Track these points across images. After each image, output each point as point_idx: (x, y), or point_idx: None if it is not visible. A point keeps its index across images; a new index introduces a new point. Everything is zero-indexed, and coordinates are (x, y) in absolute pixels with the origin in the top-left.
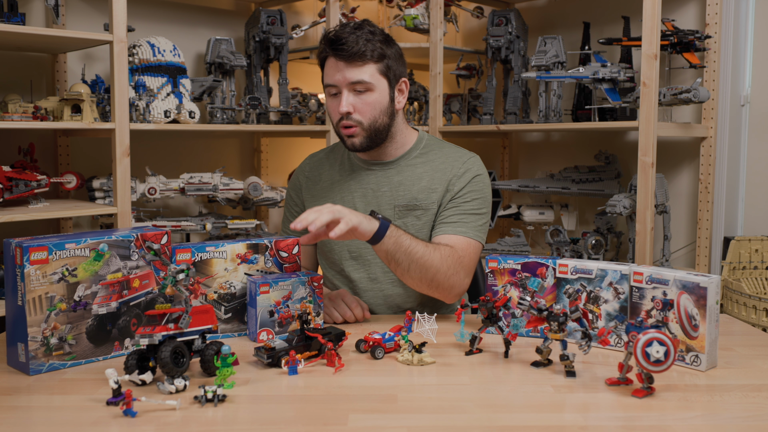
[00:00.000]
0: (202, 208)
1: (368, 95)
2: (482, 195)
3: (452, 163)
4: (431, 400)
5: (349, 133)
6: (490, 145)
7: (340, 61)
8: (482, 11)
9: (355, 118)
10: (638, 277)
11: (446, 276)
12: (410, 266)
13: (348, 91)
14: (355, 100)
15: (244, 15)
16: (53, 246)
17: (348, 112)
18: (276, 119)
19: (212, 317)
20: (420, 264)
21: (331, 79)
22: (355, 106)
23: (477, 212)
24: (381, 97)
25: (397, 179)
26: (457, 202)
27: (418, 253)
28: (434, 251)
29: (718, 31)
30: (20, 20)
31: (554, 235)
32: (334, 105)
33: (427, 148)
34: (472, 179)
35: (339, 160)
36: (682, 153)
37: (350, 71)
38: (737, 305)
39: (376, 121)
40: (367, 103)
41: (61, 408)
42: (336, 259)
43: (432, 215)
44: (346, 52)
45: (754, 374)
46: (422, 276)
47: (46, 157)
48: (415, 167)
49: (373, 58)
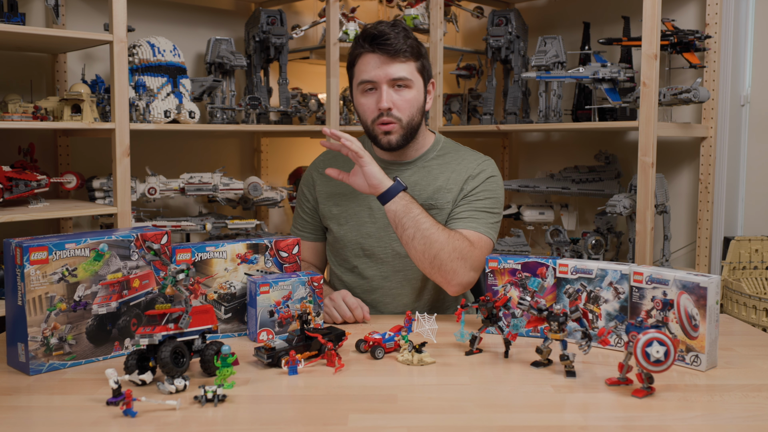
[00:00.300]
0: (202, 208)
1: (407, 92)
2: (495, 195)
3: (467, 164)
4: (431, 400)
5: (387, 129)
6: (490, 145)
7: (383, 56)
8: (482, 11)
9: (395, 114)
10: (638, 277)
11: (450, 258)
12: (415, 235)
13: (388, 87)
14: (394, 97)
15: (244, 15)
16: (53, 246)
17: (389, 107)
18: (276, 119)
19: (212, 317)
20: (425, 236)
21: (369, 74)
22: (394, 103)
23: (489, 210)
24: (418, 94)
25: (413, 179)
26: (470, 199)
27: (425, 224)
28: (443, 230)
29: (718, 31)
30: (20, 20)
31: (554, 235)
32: (369, 102)
33: (444, 150)
34: (486, 179)
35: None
36: (682, 153)
37: (393, 67)
38: (737, 305)
39: (413, 118)
40: (406, 100)
41: (61, 408)
42: (349, 256)
43: (446, 215)
44: (391, 48)
45: (754, 374)
46: (425, 249)
47: (46, 157)
48: (431, 168)
49: (412, 55)
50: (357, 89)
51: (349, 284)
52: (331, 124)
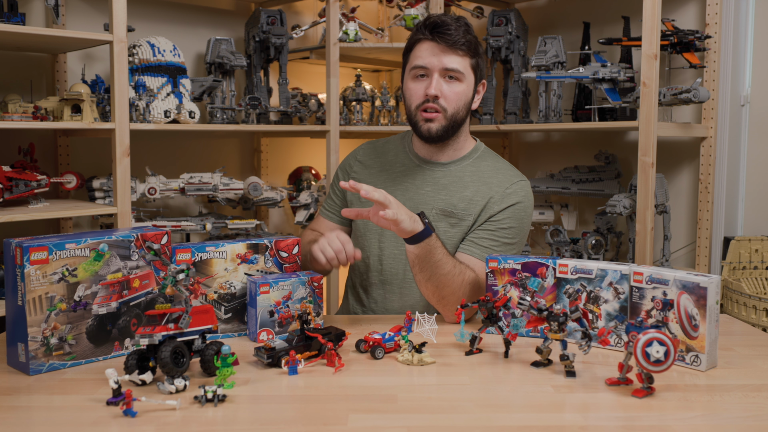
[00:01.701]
0: (202, 208)
1: (457, 85)
2: (519, 224)
3: (500, 180)
4: (431, 400)
5: (430, 117)
6: (490, 145)
7: (441, 44)
8: (482, 11)
9: (441, 103)
10: (638, 277)
11: (456, 298)
12: (431, 278)
13: (439, 76)
14: (444, 87)
15: (244, 15)
16: (53, 246)
17: (436, 95)
18: (276, 119)
19: (212, 317)
20: (441, 281)
21: (423, 60)
22: (443, 92)
23: (509, 241)
24: (468, 89)
25: (443, 182)
26: (493, 225)
27: (443, 269)
28: (458, 276)
29: (718, 31)
30: (20, 20)
31: (554, 235)
32: (418, 87)
33: (481, 158)
34: (512, 205)
35: (393, 151)
36: (682, 153)
37: (448, 57)
38: (737, 305)
39: (459, 112)
40: (455, 92)
41: (61, 408)
42: (366, 245)
43: (466, 227)
44: (450, 38)
45: (754, 374)
46: (436, 291)
47: (46, 157)
48: (464, 175)
49: (470, 51)
50: (409, 74)
51: (364, 275)
52: (331, 124)
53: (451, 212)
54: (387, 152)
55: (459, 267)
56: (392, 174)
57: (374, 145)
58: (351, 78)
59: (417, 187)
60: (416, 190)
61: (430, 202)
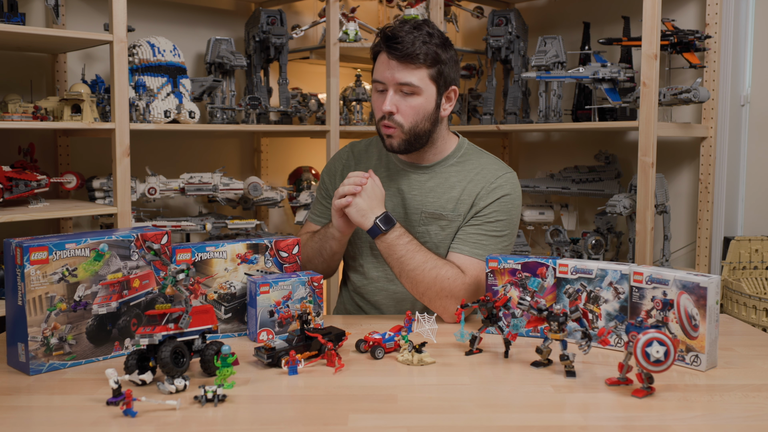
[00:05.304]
0: (202, 208)
1: (414, 99)
2: (507, 216)
3: (486, 175)
4: (431, 400)
5: (388, 133)
6: (490, 145)
7: (392, 59)
8: (482, 11)
9: (397, 119)
10: (638, 277)
11: (438, 296)
12: (401, 273)
13: (394, 91)
14: (399, 102)
15: (244, 15)
16: (53, 246)
17: (390, 112)
18: (276, 119)
19: (212, 317)
20: (411, 276)
21: (379, 75)
22: (398, 107)
23: (498, 234)
24: (426, 102)
25: (429, 185)
26: (481, 219)
27: (409, 265)
28: (429, 271)
29: (718, 31)
30: (20, 20)
31: (554, 235)
32: (378, 102)
33: (465, 156)
34: (500, 198)
35: (377, 155)
36: (682, 153)
37: (400, 72)
38: (737, 305)
39: (417, 126)
40: (411, 106)
41: (61, 408)
42: (357, 253)
43: (456, 228)
44: (399, 51)
45: (754, 374)
46: (412, 287)
47: (46, 157)
48: (450, 176)
49: (426, 62)
50: (372, 86)
51: (355, 284)
52: (331, 124)
53: (440, 215)
54: (371, 156)
55: (432, 262)
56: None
57: (358, 147)
58: (351, 78)
59: (404, 192)
60: (404, 195)
61: (419, 206)
